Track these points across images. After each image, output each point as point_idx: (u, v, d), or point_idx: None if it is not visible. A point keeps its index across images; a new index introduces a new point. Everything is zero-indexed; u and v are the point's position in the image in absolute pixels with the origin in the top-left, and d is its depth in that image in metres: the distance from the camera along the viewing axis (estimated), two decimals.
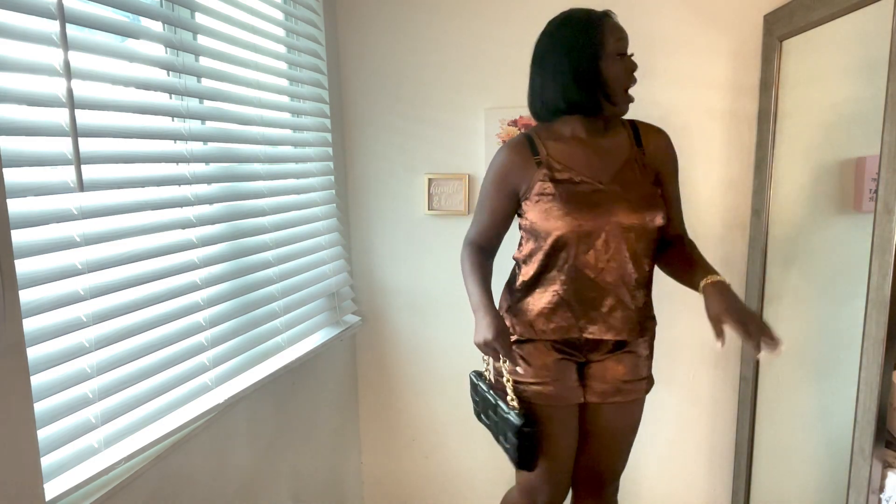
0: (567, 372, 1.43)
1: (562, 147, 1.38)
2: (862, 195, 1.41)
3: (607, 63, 1.30)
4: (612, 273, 1.35)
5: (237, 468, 1.57)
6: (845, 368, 1.33)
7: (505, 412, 1.38)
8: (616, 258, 1.34)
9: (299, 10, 1.84)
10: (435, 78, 1.98)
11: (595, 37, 1.30)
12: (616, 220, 1.32)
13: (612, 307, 1.37)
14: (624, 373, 1.44)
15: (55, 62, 1.05)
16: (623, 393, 1.45)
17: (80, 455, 1.11)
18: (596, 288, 1.36)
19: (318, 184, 1.91)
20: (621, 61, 1.31)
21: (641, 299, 1.41)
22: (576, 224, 1.32)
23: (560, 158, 1.37)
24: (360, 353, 2.22)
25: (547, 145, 1.39)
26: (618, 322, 1.38)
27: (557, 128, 1.40)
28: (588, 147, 1.38)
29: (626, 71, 1.32)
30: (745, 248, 1.86)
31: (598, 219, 1.32)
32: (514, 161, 1.39)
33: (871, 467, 1.20)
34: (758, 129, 1.77)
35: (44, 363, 1.04)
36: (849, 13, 1.33)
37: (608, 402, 1.45)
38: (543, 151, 1.38)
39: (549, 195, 1.35)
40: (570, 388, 1.44)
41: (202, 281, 1.40)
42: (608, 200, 1.33)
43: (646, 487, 2.06)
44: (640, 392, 1.47)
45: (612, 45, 1.30)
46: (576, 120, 1.37)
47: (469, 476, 2.17)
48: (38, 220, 1.03)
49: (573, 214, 1.32)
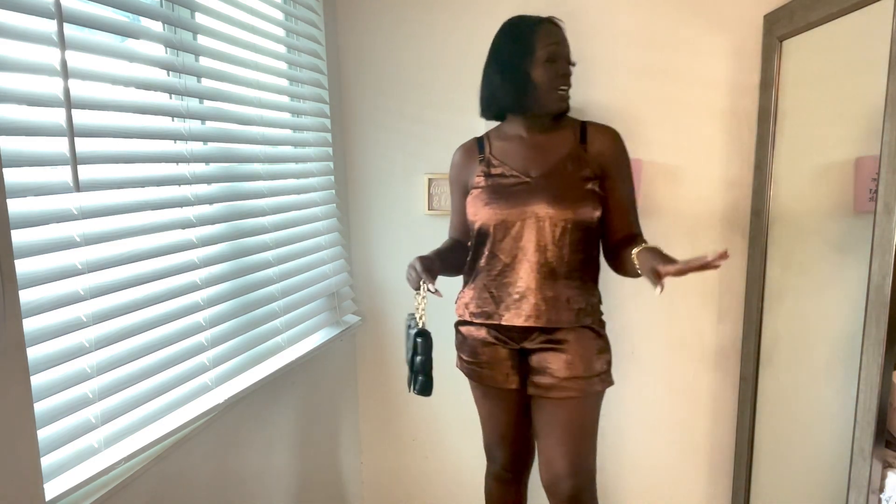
0: (500, 356, 1.54)
1: (504, 145, 1.54)
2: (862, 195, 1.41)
3: (535, 67, 1.42)
4: (524, 261, 1.46)
5: (237, 468, 1.57)
6: (845, 368, 1.33)
7: (412, 328, 1.44)
8: (530, 247, 1.45)
9: (299, 10, 1.84)
10: (435, 78, 1.98)
11: (525, 43, 1.43)
12: (532, 210, 1.44)
13: (522, 294, 1.47)
14: (559, 368, 1.47)
15: (54, 62, 1.05)
16: (559, 389, 1.47)
17: (80, 455, 1.11)
18: (510, 275, 1.48)
19: (318, 184, 1.91)
20: (550, 65, 1.42)
21: (562, 290, 1.46)
22: (493, 213, 1.46)
23: (499, 155, 1.53)
24: (360, 353, 2.22)
25: (493, 144, 1.56)
26: (528, 309, 1.46)
27: (505, 127, 1.56)
28: (527, 144, 1.51)
29: (555, 74, 1.42)
30: (745, 248, 1.86)
31: (513, 209, 1.45)
32: (462, 159, 1.60)
33: (871, 467, 1.20)
34: (758, 128, 1.77)
35: (44, 363, 1.04)
36: (849, 13, 1.33)
37: (547, 396, 1.49)
38: (487, 149, 1.55)
39: (480, 188, 1.51)
40: (503, 373, 1.54)
41: (202, 281, 1.40)
42: (528, 192, 1.45)
43: (646, 487, 2.06)
44: (579, 390, 1.47)
45: (541, 50, 1.41)
46: (519, 119, 1.51)
47: (469, 476, 2.17)
48: (38, 220, 1.03)
49: (492, 205, 1.47)
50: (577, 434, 1.50)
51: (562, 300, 1.46)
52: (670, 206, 1.87)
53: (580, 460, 1.51)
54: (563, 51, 1.45)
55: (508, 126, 1.55)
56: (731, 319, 1.91)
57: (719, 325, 1.92)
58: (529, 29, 1.44)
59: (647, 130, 1.84)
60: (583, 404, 1.50)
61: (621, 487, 2.08)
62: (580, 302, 1.49)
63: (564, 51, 1.45)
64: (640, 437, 2.03)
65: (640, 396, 2.00)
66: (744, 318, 1.89)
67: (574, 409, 1.49)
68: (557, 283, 1.46)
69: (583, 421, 1.51)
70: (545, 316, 1.46)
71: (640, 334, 1.96)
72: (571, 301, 1.47)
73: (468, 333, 1.58)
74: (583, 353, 1.48)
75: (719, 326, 1.92)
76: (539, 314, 1.46)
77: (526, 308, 1.46)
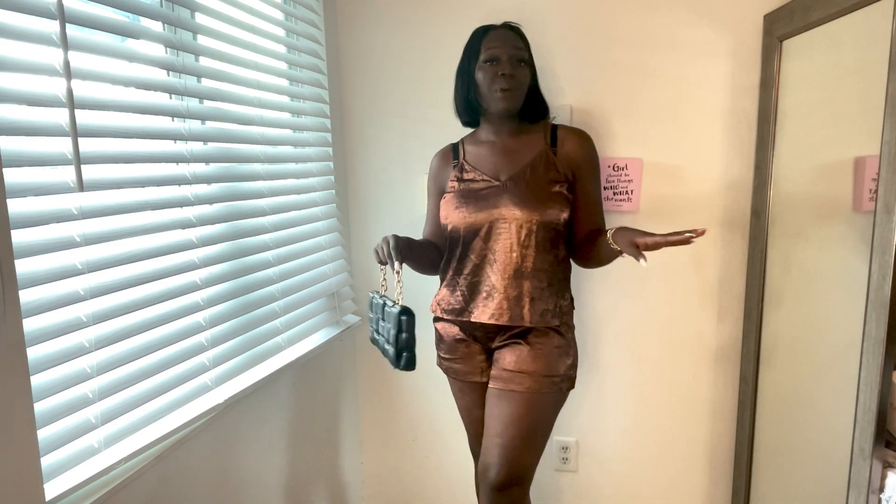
0: (472, 352, 1.60)
1: (476, 150, 1.61)
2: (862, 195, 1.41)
3: (478, 70, 1.51)
4: (492, 261, 1.51)
5: (237, 468, 1.57)
6: (845, 368, 1.33)
7: (390, 307, 1.47)
8: (497, 248, 1.50)
9: (299, 10, 1.84)
10: (435, 78, 1.98)
11: (472, 49, 1.52)
12: (498, 212, 1.49)
13: (489, 293, 1.52)
14: (509, 361, 1.51)
15: (55, 62, 1.05)
16: (503, 380, 1.50)
17: (80, 455, 1.11)
18: (479, 274, 1.53)
19: (318, 184, 1.91)
20: (489, 67, 1.48)
21: (526, 290, 1.49)
22: (462, 216, 1.52)
23: (471, 160, 1.60)
24: (360, 353, 2.22)
25: (466, 149, 1.63)
26: (493, 307, 1.51)
27: (478, 133, 1.64)
28: (497, 148, 1.58)
29: (494, 75, 1.47)
30: (745, 248, 1.86)
31: (482, 212, 1.50)
32: (437, 165, 1.68)
33: (871, 467, 1.20)
34: (758, 129, 1.78)
35: (44, 363, 1.04)
36: (849, 13, 1.33)
37: (493, 386, 1.53)
38: (461, 155, 1.62)
39: (452, 192, 1.58)
40: (477, 368, 1.60)
41: (202, 281, 1.40)
42: (496, 195, 1.51)
43: (646, 487, 2.06)
44: (523, 385, 1.47)
45: (483, 53, 1.49)
46: (489, 124, 1.59)
47: (469, 476, 2.17)
48: (38, 220, 1.03)
49: (461, 208, 1.53)
50: (516, 427, 1.48)
51: (525, 300, 1.50)
52: (670, 206, 1.87)
53: (512, 453, 1.48)
54: (506, 52, 1.47)
55: (481, 131, 1.63)
56: (731, 319, 1.91)
57: (719, 325, 1.92)
58: (478, 35, 1.52)
59: (647, 130, 1.84)
60: (528, 400, 1.48)
61: (621, 487, 2.08)
62: (546, 303, 1.51)
63: (509, 52, 1.48)
64: (639, 437, 2.03)
65: (641, 396, 2.00)
66: (744, 318, 1.89)
67: (517, 402, 1.48)
68: (523, 283, 1.50)
69: (524, 416, 1.48)
70: (508, 314, 1.50)
71: (640, 334, 1.96)
72: (536, 301, 1.50)
73: (443, 330, 1.64)
74: (540, 352, 1.50)
75: (719, 326, 1.92)
76: (502, 312, 1.50)
77: (492, 306, 1.51)
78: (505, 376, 1.51)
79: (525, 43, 1.53)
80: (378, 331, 1.55)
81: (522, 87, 1.51)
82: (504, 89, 1.47)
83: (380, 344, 1.55)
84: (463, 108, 1.60)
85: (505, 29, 1.52)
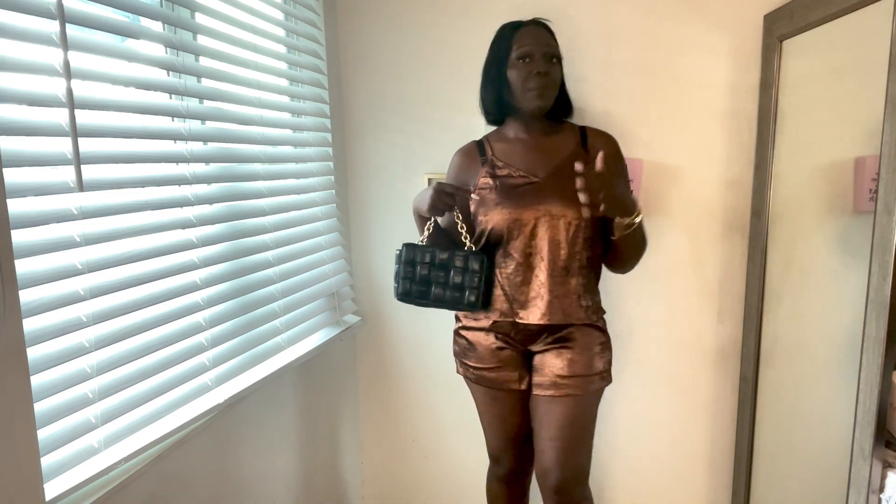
0: (508, 359, 1.55)
1: (505, 147, 1.56)
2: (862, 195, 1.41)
3: (510, 68, 1.47)
4: (538, 260, 1.48)
5: (237, 468, 1.57)
6: (845, 368, 1.33)
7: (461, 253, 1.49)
8: (544, 245, 1.47)
9: (299, 10, 1.84)
10: (435, 78, 1.98)
11: (503, 46, 1.48)
12: (545, 208, 1.46)
13: (538, 292, 1.49)
14: (561, 367, 1.49)
15: (55, 62, 1.05)
16: (557, 387, 1.49)
17: (80, 455, 1.11)
18: (524, 273, 1.49)
19: (318, 184, 1.91)
20: (522, 65, 1.45)
21: (573, 287, 1.48)
22: (506, 213, 1.47)
23: (502, 157, 1.55)
24: (360, 353, 2.22)
25: (493, 146, 1.58)
26: (542, 306, 1.48)
27: (505, 130, 1.59)
28: (529, 145, 1.54)
29: (528, 74, 1.44)
30: (745, 248, 1.86)
31: (527, 209, 1.46)
32: (462, 162, 1.61)
33: (871, 467, 1.20)
34: (758, 128, 1.77)
35: (44, 363, 1.04)
36: (849, 13, 1.33)
37: (544, 394, 1.51)
38: (489, 152, 1.57)
39: (488, 188, 1.52)
40: (513, 375, 1.55)
41: (202, 281, 1.40)
42: (539, 192, 1.48)
43: (646, 487, 2.06)
44: (576, 388, 1.49)
45: (514, 51, 1.46)
46: (518, 122, 1.55)
47: (469, 476, 2.17)
48: (38, 220, 1.03)
49: (504, 205, 1.48)
50: (570, 429, 1.51)
51: (574, 298, 1.49)
52: (670, 206, 1.87)
53: (570, 455, 1.52)
54: (539, 49, 1.45)
55: (508, 129, 1.58)
56: (731, 319, 1.91)
57: (719, 326, 1.92)
58: (508, 32, 1.49)
59: (647, 130, 1.84)
60: (579, 401, 1.50)
61: (621, 487, 2.08)
62: (588, 299, 1.52)
63: (542, 49, 1.45)
64: (640, 438, 2.03)
65: (640, 396, 2.00)
66: (744, 318, 1.89)
67: (570, 405, 1.50)
68: (569, 280, 1.49)
69: (577, 417, 1.51)
70: (560, 313, 1.48)
71: (640, 334, 1.96)
72: (581, 298, 1.50)
73: (474, 338, 1.59)
74: (584, 352, 1.50)
75: (719, 326, 1.92)
76: (553, 311, 1.48)
77: (541, 305, 1.48)
78: (557, 382, 1.49)
79: (555, 40, 1.50)
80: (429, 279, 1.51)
81: (555, 85, 1.49)
82: (538, 87, 1.44)
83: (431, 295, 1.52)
84: (493, 106, 1.55)
85: (536, 25, 1.49)
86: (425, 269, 1.52)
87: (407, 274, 1.54)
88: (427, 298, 1.52)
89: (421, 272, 1.52)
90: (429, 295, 1.52)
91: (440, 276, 1.51)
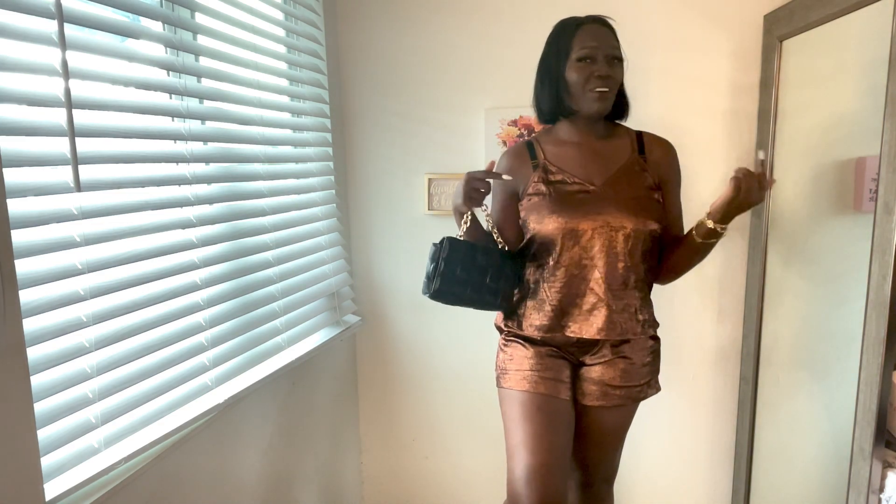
0: (554, 367, 1.44)
1: (558, 150, 1.46)
2: (862, 195, 1.41)
3: (570, 69, 1.38)
4: (595, 271, 1.39)
5: (237, 468, 1.57)
6: (845, 368, 1.33)
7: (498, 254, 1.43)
8: (601, 257, 1.38)
9: (299, 10, 1.84)
10: (435, 78, 1.98)
11: (563, 45, 1.39)
12: (603, 219, 1.37)
13: (593, 305, 1.40)
14: (612, 377, 1.45)
15: (54, 62, 1.05)
16: (608, 398, 1.45)
17: (80, 455, 1.11)
18: (578, 285, 1.41)
19: (318, 184, 1.91)
20: (584, 65, 1.36)
21: (631, 301, 1.42)
22: (562, 222, 1.38)
23: (555, 161, 1.45)
24: (360, 353, 2.22)
25: (545, 149, 1.47)
26: (598, 321, 1.40)
27: (557, 132, 1.49)
28: (584, 150, 1.45)
29: (589, 75, 1.36)
30: (745, 248, 1.86)
31: (584, 218, 1.37)
32: (512, 164, 1.49)
33: (871, 467, 1.20)
34: (758, 129, 1.77)
35: (44, 363, 1.04)
36: (849, 13, 1.33)
37: (593, 404, 1.46)
38: (541, 155, 1.46)
39: (541, 195, 1.42)
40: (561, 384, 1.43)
41: (202, 281, 1.40)
42: (597, 201, 1.39)
43: (646, 487, 2.06)
44: (627, 399, 1.46)
45: (576, 51, 1.37)
46: (572, 124, 1.45)
47: (469, 476, 2.17)
48: (38, 220, 1.03)
49: (560, 213, 1.38)
50: (614, 436, 1.53)
51: (631, 311, 1.42)
52: None
53: (610, 457, 1.56)
54: (602, 51, 1.36)
55: (561, 131, 1.48)
56: (731, 319, 1.91)
57: (719, 325, 1.92)
58: (569, 30, 1.39)
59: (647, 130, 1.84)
60: (627, 410, 1.50)
61: (621, 487, 2.08)
62: (645, 313, 1.46)
63: (605, 51, 1.36)
64: (639, 437, 2.03)
65: None
66: (744, 318, 1.89)
67: (617, 414, 1.50)
68: (626, 293, 1.41)
69: (623, 426, 1.53)
70: (618, 328, 1.40)
71: None
72: (638, 312, 1.43)
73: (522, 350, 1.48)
74: (637, 363, 1.46)
75: (719, 326, 1.92)
76: (612, 326, 1.40)
77: (598, 320, 1.40)
78: (609, 393, 1.45)
79: (617, 39, 1.41)
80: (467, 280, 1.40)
81: (616, 88, 1.41)
82: (600, 90, 1.36)
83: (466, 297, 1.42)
84: (549, 105, 1.44)
85: (598, 24, 1.40)
86: (464, 269, 1.41)
87: (445, 272, 1.40)
88: (462, 299, 1.43)
89: (459, 272, 1.40)
90: (464, 296, 1.42)
91: (475, 278, 1.41)
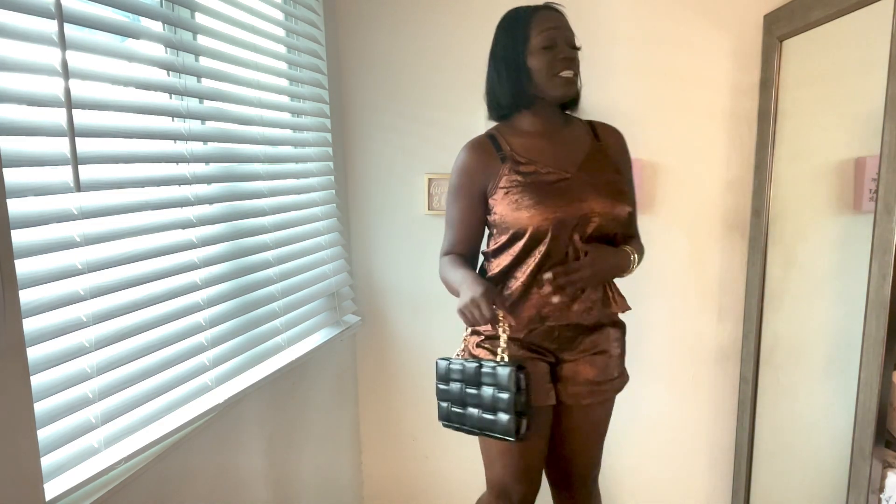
0: (540, 371, 1.41)
1: (523, 141, 1.41)
2: (862, 195, 1.42)
3: (532, 56, 1.34)
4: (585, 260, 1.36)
5: (237, 468, 1.57)
6: (845, 368, 1.33)
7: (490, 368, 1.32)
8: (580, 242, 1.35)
9: (299, 10, 1.84)
10: (435, 78, 1.98)
11: (520, 33, 1.35)
12: (588, 206, 1.34)
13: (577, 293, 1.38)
14: (595, 374, 1.44)
15: (54, 62, 1.05)
16: (595, 395, 1.46)
17: (80, 455, 1.11)
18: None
19: (318, 184, 1.91)
20: (548, 51, 1.33)
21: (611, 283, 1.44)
22: (548, 213, 1.32)
23: (523, 152, 1.39)
24: (360, 353, 2.22)
25: (509, 141, 1.41)
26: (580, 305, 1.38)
27: (517, 124, 1.43)
28: (549, 139, 1.41)
29: (553, 59, 1.33)
30: (745, 248, 1.86)
31: (569, 207, 1.33)
32: (477, 159, 1.41)
33: (871, 467, 1.20)
34: (758, 129, 1.78)
35: (44, 363, 1.03)
36: (849, 13, 1.34)
37: (581, 403, 1.45)
38: (506, 147, 1.40)
39: (517, 186, 1.36)
40: (544, 389, 1.42)
41: (202, 281, 1.40)
42: (576, 188, 1.35)
43: (646, 487, 2.06)
44: (611, 392, 1.48)
45: (536, 37, 1.33)
46: (531, 114, 1.41)
47: (469, 476, 2.17)
48: (38, 220, 1.03)
49: (544, 204, 1.33)
50: (598, 432, 1.53)
51: (608, 293, 1.42)
52: (670, 206, 1.87)
53: (594, 453, 1.55)
54: (562, 35, 1.35)
55: (522, 123, 1.43)
56: (731, 319, 1.91)
57: (719, 325, 1.92)
58: (524, 18, 1.36)
59: (647, 130, 1.84)
60: (609, 404, 1.51)
61: (621, 487, 2.08)
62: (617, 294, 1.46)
63: (565, 35, 1.36)
64: (639, 437, 2.03)
65: (640, 396, 1.99)
66: (744, 318, 1.89)
67: (602, 411, 1.50)
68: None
69: (605, 419, 1.53)
70: (598, 309, 1.40)
71: (640, 334, 1.96)
72: (614, 286, 1.45)
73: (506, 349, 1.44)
74: (612, 355, 1.47)
75: (719, 326, 1.92)
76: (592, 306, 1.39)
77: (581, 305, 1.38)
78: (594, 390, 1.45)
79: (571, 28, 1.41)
80: (465, 402, 1.37)
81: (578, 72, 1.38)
82: (565, 74, 1.34)
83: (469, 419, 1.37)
84: (510, 98, 1.39)
85: (552, 10, 1.38)
86: (458, 384, 1.38)
87: (442, 394, 1.40)
88: (465, 423, 1.37)
89: (454, 389, 1.38)
90: (465, 418, 1.37)
91: (472, 394, 1.35)
